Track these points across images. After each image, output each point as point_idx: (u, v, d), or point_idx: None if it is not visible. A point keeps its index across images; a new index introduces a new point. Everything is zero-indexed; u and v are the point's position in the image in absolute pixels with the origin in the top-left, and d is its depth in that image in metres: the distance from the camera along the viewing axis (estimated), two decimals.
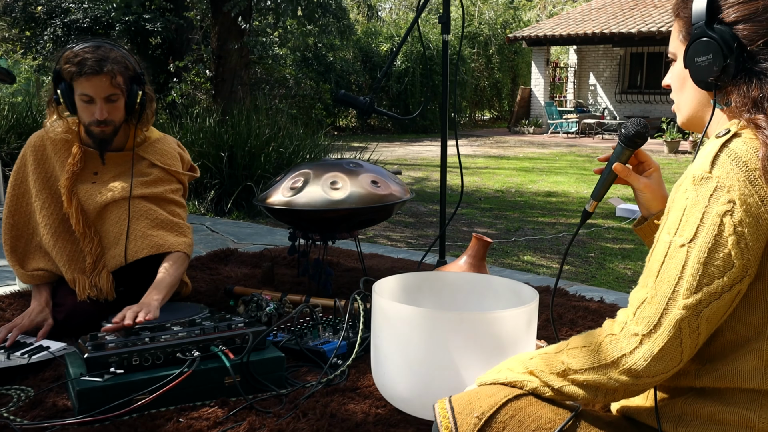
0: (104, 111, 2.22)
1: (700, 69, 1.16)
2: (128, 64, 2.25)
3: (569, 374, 1.15)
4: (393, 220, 5.72)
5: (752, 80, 1.11)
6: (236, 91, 7.45)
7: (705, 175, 1.06)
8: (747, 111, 1.10)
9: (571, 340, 1.20)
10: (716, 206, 1.04)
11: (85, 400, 1.67)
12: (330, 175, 2.52)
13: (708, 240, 1.04)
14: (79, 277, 2.27)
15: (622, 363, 1.08)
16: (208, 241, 3.97)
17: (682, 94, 1.25)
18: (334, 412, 1.72)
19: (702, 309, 1.04)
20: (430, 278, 1.88)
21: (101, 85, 2.18)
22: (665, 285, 1.06)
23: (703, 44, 1.14)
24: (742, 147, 1.06)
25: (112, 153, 2.38)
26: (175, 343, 1.79)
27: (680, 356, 1.07)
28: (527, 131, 18.42)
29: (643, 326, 1.07)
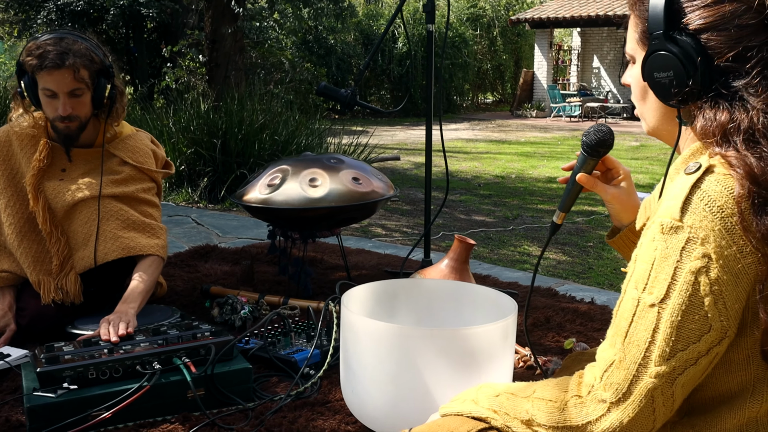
0: (68, 106, 2.10)
1: (661, 86, 1.01)
2: (93, 56, 2.13)
3: (533, 425, 1.05)
4: (389, 207, 5.62)
5: (719, 103, 0.96)
6: (230, 76, 7.33)
7: (675, 224, 0.92)
8: (716, 143, 0.95)
9: (538, 386, 1.09)
10: (689, 262, 0.91)
11: (36, 417, 1.58)
12: (309, 171, 2.42)
13: (681, 301, 0.91)
14: (44, 279, 2.18)
15: (588, 430, 0.98)
16: (192, 235, 3.87)
17: (644, 104, 1.10)
18: (300, 429, 1.63)
19: (677, 376, 0.93)
20: (407, 286, 1.77)
21: (63, 79, 2.07)
22: (635, 349, 0.95)
23: (661, 59, 0.99)
24: (715, 188, 0.92)
25: (81, 149, 2.27)
26: (134, 355, 1.70)
27: (652, 424, 0.96)
28: (530, 115, 18.25)
29: (611, 393, 0.96)
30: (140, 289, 2.07)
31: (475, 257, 3.84)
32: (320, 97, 2.63)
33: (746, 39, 0.95)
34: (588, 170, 1.29)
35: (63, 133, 2.18)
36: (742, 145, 0.93)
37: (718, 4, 0.96)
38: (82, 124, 2.19)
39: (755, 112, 0.93)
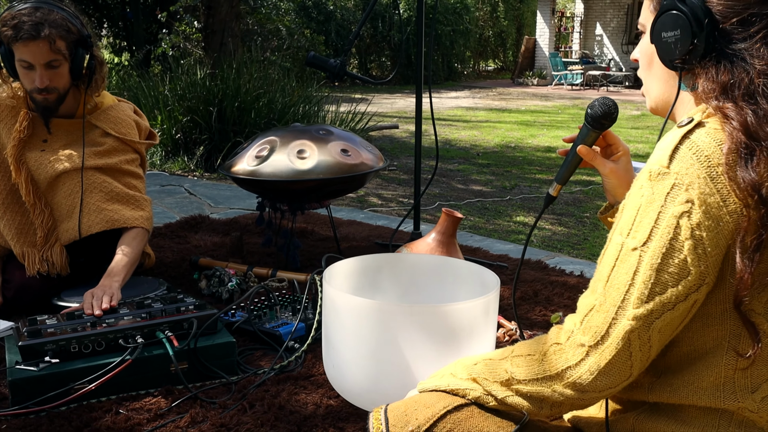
0: (45, 78, 2.07)
1: (667, 46, 1.02)
2: (70, 26, 2.08)
3: (513, 384, 1.05)
4: (386, 177, 5.60)
5: (722, 63, 0.97)
6: (227, 43, 7.22)
7: (662, 171, 0.94)
8: (715, 98, 0.97)
9: (516, 346, 1.09)
10: (673, 206, 0.92)
11: (19, 390, 1.58)
12: (297, 143, 2.39)
13: (662, 244, 0.92)
14: (28, 251, 2.17)
15: (567, 376, 0.98)
16: (184, 205, 3.86)
17: (650, 73, 1.11)
18: (283, 403, 1.63)
19: (654, 320, 0.93)
20: (391, 261, 1.76)
21: (39, 50, 2.03)
22: (615, 292, 0.95)
23: (672, 18, 1.01)
24: (705, 139, 0.93)
25: (62, 120, 2.24)
26: (117, 329, 1.69)
27: (629, 370, 0.96)
28: (531, 83, 18.10)
29: (590, 337, 0.97)
30: (124, 262, 2.06)
31: (471, 227, 3.82)
32: (309, 67, 2.59)
33: (753, 6, 0.97)
34: (589, 143, 1.28)
35: (41, 104, 2.14)
36: (740, 99, 0.95)
37: None
38: (61, 96, 2.16)
39: (755, 73, 0.95)
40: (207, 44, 7.46)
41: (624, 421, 1.06)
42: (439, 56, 18.29)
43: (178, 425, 1.54)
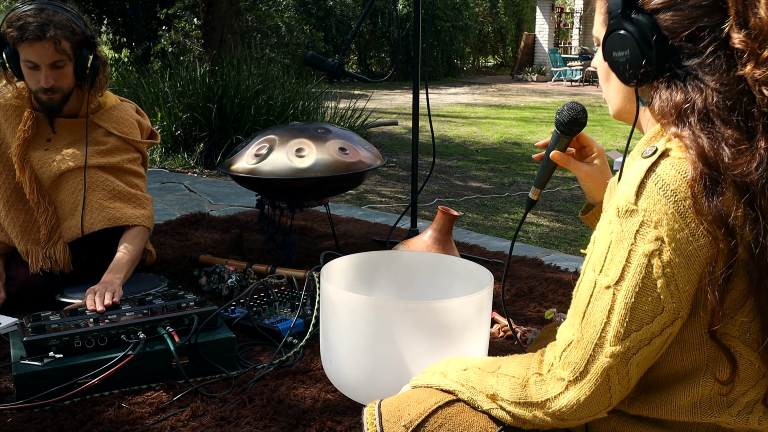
0: (50, 78, 2.10)
1: (619, 65, 1.01)
2: (75, 27, 2.12)
3: (497, 400, 1.08)
4: (386, 173, 5.63)
5: (675, 83, 0.96)
6: (226, 40, 7.24)
7: (630, 208, 0.93)
8: (672, 123, 0.96)
9: (504, 362, 1.11)
10: (643, 245, 0.92)
11: (23, 385, 1.62)
12: (296, 141, 2.43)
13: (635, 283, 0.93)
14: (32, 248, 2.21)
15: (548, 406, 1.01)
16: (184, 202, 3.89)
17: (608, 85, 1.11)
18: (281, 397, 1.67)
19: (631, 356, 0.95)
20: (387, 258, 1.80)
21: (45, 51, 2.06)
22: (591, 329, 0.97)
23: (619, 38, 0.99)
24: (670, 172, 0.92)
25: (66, 120, 2.28)
26: (119, 325, 1.73)
27: (609, 401, 0.99)
28: (530, 79, 18.11)
29: (569, 372, 0.99)
30: (126, 259, 2.09)
31: (469, 224, 3.86)
32: (308, 66, 2.62)
33: (700, 19, 0.95)
34: (562, 148, 1.30)
35: (46, 104, 2.18)
36: (696, 125, 0.93)
37: None
38: (65, 96, 2.19)
39: (709, 91, 0.93)
40: (206, 41, 7.48)
41: (605, 422, 1.09)
42: (438, 52, 18.29)
43: (179, 419, 1.58)
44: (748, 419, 0.99)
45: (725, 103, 0.93)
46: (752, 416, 0.99)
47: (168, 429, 1.55)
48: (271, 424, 1.56)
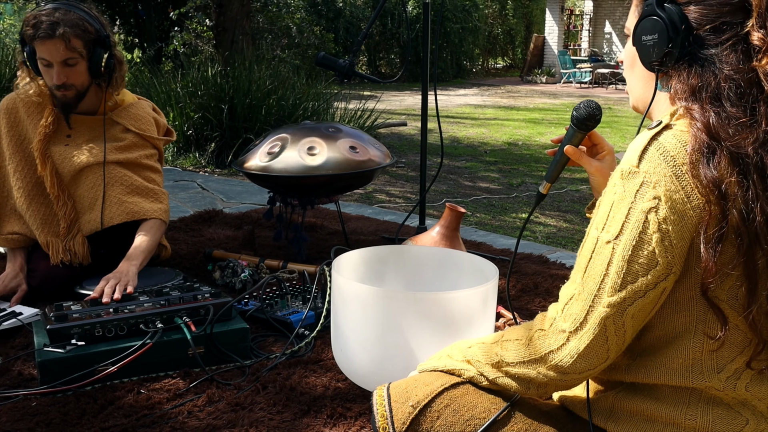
0: (61, 75, 2.18)
1: (646, 48, 1.11)
2: (87, 26, 2.19)
3: (503, 366, 1.14)
4: (394, 173, 5.69)
5: (694, 67, 1.06)
6: (238, 41, 7.33)
7: (632, 170, 1.02)
8: (684, 99, 1.05)
9: (506, 331, 1.19)
10: (641, 202, 1.01)
11: (47, 371, 1.69)
12: (308, 140, 2.49)
13: (632, 237, 1.01)
14: (52, 240, 2.28)
15: (550, 359, 1.08)
16: (197, 200, 3.97)
17: (633, 73, 1.20)
18: (294, 385, 1.73)
19: (627, 307, 1.02)
20: (395, 252, 1.86)
21: (56, 49, 2.14)
22: (591, 282, 1.05)
23: (651, 23, 1.10)
24: (671, 141, 1.02)
25: (85, 117, 2.35)
26: (138, 314, 1.80)
27: (606, 353, 1.05)
28: (540, 81, 18.13)
29: (569, 323, 1.06)
30: (142, 248, 2.17)
31: (476, 224, 3.91)
32: (319, 67, 2.69)
33: (725, 15, 1.05)
34: (576, 143, 1.36)
35: (61, 101, 2.26)
36: (707, 102, 1.03)
37: None
38: (79, 93, 2.27)
39: (723, 77, 1.03)
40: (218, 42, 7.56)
41: (604, 399, 1.16)
42: (447, 54, 18.34)
43: (195, 404, 1.65)
44: (735, 385, 1.05)
45: (736, 90, 1.02)
46: (740, 382, 1.06)
47: (185, 414, 1.61)
48: (284, 409, 1.63)
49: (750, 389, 1.06)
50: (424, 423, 1.18)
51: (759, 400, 1.07)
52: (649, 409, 1.10)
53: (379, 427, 1.20)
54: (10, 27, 15.88)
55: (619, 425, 1.13)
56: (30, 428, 1.54)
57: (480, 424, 1.17)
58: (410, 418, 1.18)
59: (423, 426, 1.18)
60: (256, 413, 1.61)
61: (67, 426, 1.55)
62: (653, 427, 1.09)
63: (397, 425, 1.19)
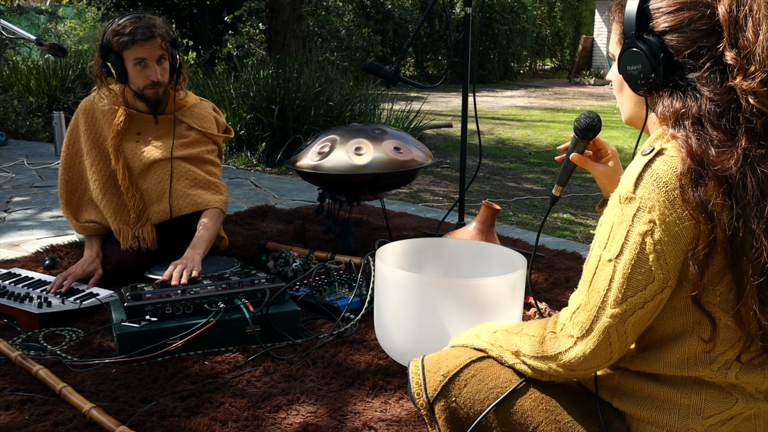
0: (157, 72, 2.46)
1: (632, 77, 1.23)
2: (168, 29, 2.49)
3: (520, 356, 1.31)
4: (439, 174, 5.85)
5: (676, 92, 1.17)
6: (289, 44, 7.60)
7: (629, 195, 1.15)
8: (671, 124, 1.17)
9: (526, 324, 1.34)
10: (638, 226, 1.13)
11: (125, 343, 1.92)
12: (355, 141, 2.69)
13: (631, 257, 1.14)
14: (123, 228, 2.54)
15: (560, 359, 1.24)
16: (250, 196, 4.21)
17: (621, 95, 1.32)
18: (340, 361, 1.93)
19: (628, 317, 1.17)
20: (433, 244, 2.04)
21: (153, 48, 2.43)
22: (596, 295, 1.19)
23: (633, 54, 1.20)
24: (663, 167, 1.14)
25: (153, 116, 2.61)
26: (203, 295, 2.02)
27: (609, 355, 1.20)
28: (588, 82, 18.05)
29: (577, 330, 1.21)
30: (205, 237, 2.42)
31: (518, 224, 4.05)
32: (367, 73, 2.88)
33: (700, 40, 1.17)
34: (580, 150, 1.51)
35: (152, 99, 2.53)
36: (690, 127, 1.15)
37: (679, 11, 1.18)
38: (166, 89, 2.55)
39: (704, 100, 1.15)
40: (270, 45, 7.84)
41: (611, 378, 1.31)
42: (495, 55, 18.39)
43: (253, 375, 1.86)
44: (726, 374, 1.20)
45: (716, 110, 1.14)
46: (730, 372, 1.20)
47: (244, 383, 1.83)
48: (331, 382, 1.83)
49: (739, 377, 1.20)
50: (452, 390, 1.36)
51: (747, 384, 1.21)
52: (649, 388, 1.25)
53: (414, 393, 1.39)
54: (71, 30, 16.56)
55: (622, 401, 1.29)
56: (112, 390, 1.77)
57: (501, 392, 1.34)
58: (441, 385, 1.36)
59: (452, 392, 1.36)
60: (306, 384, 1.81)
61: (143, 389, 1.78)
62: (653, 403, 1.24)
63: (429, 391, 1.37)
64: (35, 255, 2.89)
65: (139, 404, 1.72)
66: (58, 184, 2.65)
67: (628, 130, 9.29)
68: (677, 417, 1.22)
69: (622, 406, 1.28)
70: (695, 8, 1.17)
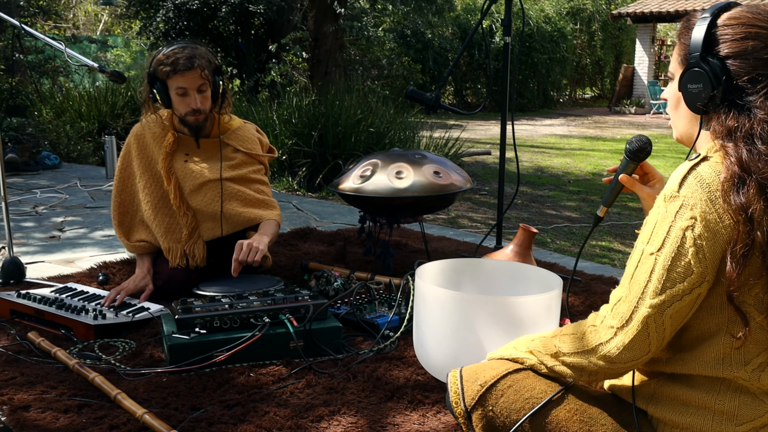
0: (197, 100, 2.58)
1: (691, 95, 1.31)
2: (211, 58, 2.61)
3: (560, 356, 1.36)
4: (478, 201, 5.90)
5: (731, 111, 1.26)
6: (331, 72, 7.78)
7: (674, 194, 1.23)
8: (722, 138, 1.25)
9: (564, 327, 1.41)
10: (680, 221, 1.21)
11: (175, 353, 2.01)
12: (396, 165, 2.78)
13: (672, 250, 1.22)
14: (173, 246, 2.65)
15: (600, 350, 1.29)
16: (293, 219, 4.32)
17: (676, 112, 1.40)
18: (380, 376, 1.99)
19: (666, 308, 1.23)
20: (471, 264, 2.10)
21: (193, 78, 2.55)
22: (637, 286, 1.26)
23: (696, 74, 1.29)
24: (707, 170, 1.23)
25: (201, 139, 2.74)
26: (249, 310, 2.11)
27: (648, 347, 1.26)
28: (628, 111, 17.95)
29: (617, 320, 1.27)
30: (269, 231, 2.61)
31: (556, 250, 4.08)
32: (408, 100, 2.99)
33: (760, 68, 1.26)
34: (629, 172, 1.57)
35: (193, 125, 2.66)
36: (740, 141, 1.23)
37: (744, 40, 1.27)
38: (207, 116, 2.67)
39: (757, 121, 1.23)
40: (312, 73, 8.04)
41: (647, 386, 1.36)
42: (534, 84, 18.44)
43: (296, 387, 1.94)
44: (760, 377, 1.25)
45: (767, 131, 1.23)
46: (764, 374, 1.25)
47: (287, 394, 1.90)
48: (371, 395, 1.89)
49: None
50: (490, 399, 1.41)
51: None
52: (685, 395, 1.29)
53: (452, 402, 1.45)
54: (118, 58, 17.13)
55: (658, 408, 1.33)
56: (163, 397, 1.86)
57: (537, 403, 1.39)
58: (478, 394, 1.42)
59: (489, 402, 1.41)
60: (347, 396, 1.88)
61: (192, 398, 1.87)
62: (688, 410, 1.29)
63: (467, 400, 1.43)
64: (89, 271, 3.03)
65: (188, 411, 1.81)
66: (112, 206, 2.79)
67: (669, 159, 9.25)
68: (711, 423, 1.26)
69: (657, 413, 1.33)
70: (759, 38, 1.26)
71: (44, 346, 2.15)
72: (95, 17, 22.38)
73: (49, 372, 2.01)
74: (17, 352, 2.15)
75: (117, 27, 18.49)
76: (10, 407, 1.80)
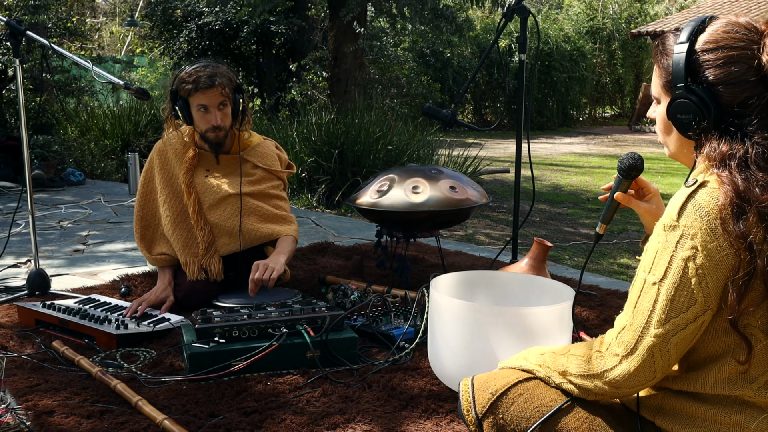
0: (218, 117, 2.64)
1: (682, 124, 1.31)
2: (231, 76, 2.67)
3: (567, 375, 1.38)
4: (495, 218, 5.92)
5: (723, 137, 1.25)
6: (350, 91, 7.87)
7: (673, 224, 1.24)
8: (716, 165, 1.25)
9: (573, 346, 1.43)
10: (681, 251, 1.22)
11: (194, 362, 2.06)
12: (412, 180, 2.82)
13: (674, 280, 1.22)
14: (191, 260, 2.71)
15: (605, 376, 1.31)
16: (311, 234, 4.38)
17: (668, 136, 1.40)
18: (395, 386, 2.02)
19: (671, 337, 1.24)
20: (485, 276, 2.14)
21: (214, 95, 2.61)
22: (641, 316, 1.27)
23: (683, 105, 1.28)
24: (705, 198, 1.22)
25: (221, 155, 2.80)
26: (267, 320, 2.16)
27: (653, 374, 1.27)
28: (648, 129, 17.88)
29: (622, 349, 1.28)
30: (287, 249, 2.65)
31: (574, 267, 4.09)
32: (425, 116, 3.04)
33: (748, 90, 1.25)
34: (624, 189, 1.59)
35: (213, 141, 2.72)
36: (735, 168, 1.23)
37: (727, 65, 1.26)
38: (227, 133, 2.72)
39: (750, 145, 1.23)
40: (332, 92, 8.13)
41: (654, 398, 1.38)
42: (553, 102, 18.44)
43: (312, 395, 1.97)
44: (766, 394, 1.26)
45: (763, 154, 1.22)
46: None
47: (304, 402, 1.94)
48: (386, 404, 1.92)
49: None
50: (500, 407, 1.44)
51: None
52: (691, 407, 1.31)
53: (464, 410, 1.48)
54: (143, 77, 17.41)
55: (665, 420, 1.35)
56: (182, 404, 1.91)
57: (546, 411, 1.41)
58: (489, 402, 1.44)
59: (499, 410, 1.44)
60: (362, 405, 1.91)
61: (211, 405, 1.91)
62: (694, 422, 1.30)
63: (478, 408, 1.46)
64: (112, 283, 3.09)
65: (207, 418, 1.85)
66: (134, 221, 2.86)
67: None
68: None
69: (664, 424, 1.34)
70: (741, 61, 1.25)
71: (68, 355, 2.21)
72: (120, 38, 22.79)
73: (73, 379, 2.06)
74: (42, 360, 2.21)
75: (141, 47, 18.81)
76: (34, 412, 1.85)
